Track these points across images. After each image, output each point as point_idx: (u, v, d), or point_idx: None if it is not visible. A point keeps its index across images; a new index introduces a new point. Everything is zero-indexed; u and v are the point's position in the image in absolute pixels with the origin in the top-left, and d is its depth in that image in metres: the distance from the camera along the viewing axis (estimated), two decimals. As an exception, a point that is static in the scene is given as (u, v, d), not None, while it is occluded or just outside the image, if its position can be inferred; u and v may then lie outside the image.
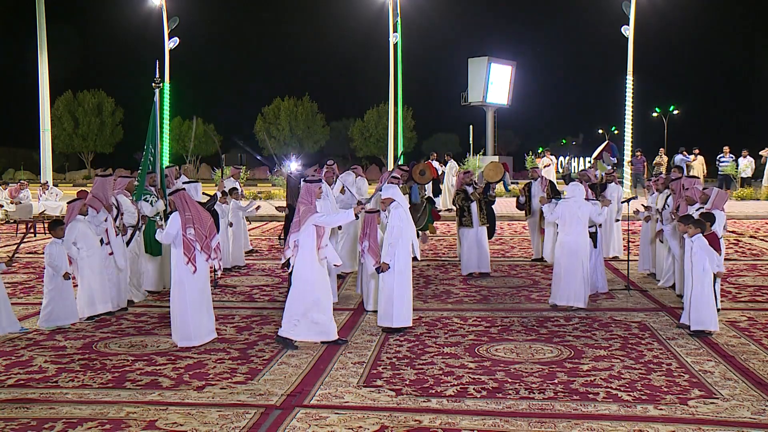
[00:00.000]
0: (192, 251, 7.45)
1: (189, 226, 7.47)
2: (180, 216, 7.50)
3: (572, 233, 9.00)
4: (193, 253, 7.45)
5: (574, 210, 9.04)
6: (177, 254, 7.50)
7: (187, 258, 7.43)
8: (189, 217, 7.50)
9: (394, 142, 33.79)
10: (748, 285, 10.55)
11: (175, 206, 7.60)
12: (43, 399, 5.88)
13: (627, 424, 5.23)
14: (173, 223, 7.51)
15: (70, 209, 8.68)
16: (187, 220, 7.49)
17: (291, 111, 59.88)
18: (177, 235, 7.46)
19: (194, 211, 7.61)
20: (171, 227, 7.52)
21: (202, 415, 5.49)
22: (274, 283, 11.12)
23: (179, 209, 7.55)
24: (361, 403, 5.74)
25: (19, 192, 20.08)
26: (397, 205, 7.99)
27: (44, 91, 25.48)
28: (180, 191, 7.74)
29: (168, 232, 7.52)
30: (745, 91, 71.56)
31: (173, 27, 29.76)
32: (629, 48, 27.19)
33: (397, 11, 32.04)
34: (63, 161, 58.89)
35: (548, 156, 28.23)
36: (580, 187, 9.33)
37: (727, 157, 25.90)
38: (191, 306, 7.44)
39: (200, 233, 7.51)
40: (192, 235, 7.45)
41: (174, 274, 7.55)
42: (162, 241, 7.88)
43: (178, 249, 7.48)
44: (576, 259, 8.96)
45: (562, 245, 9.08)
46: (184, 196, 7.63)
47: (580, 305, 8.91)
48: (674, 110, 60.83)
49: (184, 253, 7.44)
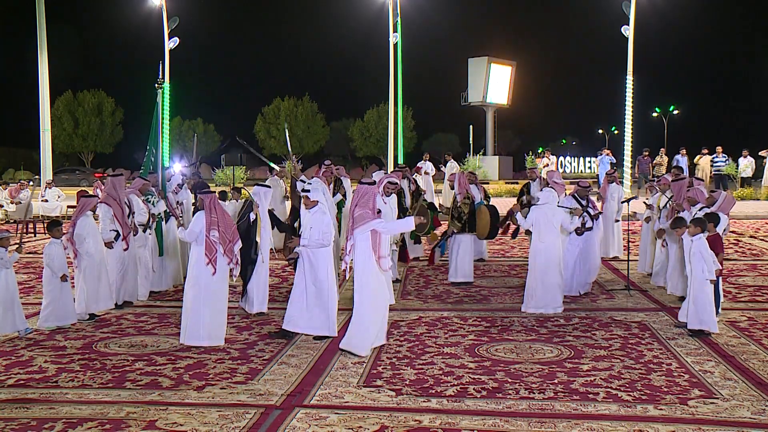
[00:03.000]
0: (214, 253, 7.46)
1: (213, 228, 7.46)
2: (206, 216, 7.51)
3: (546, 240, 8.89)
4: (215, 255, 7.46)
5: (548, 216, 8.94)
6: (197, 252, 7.50)
7: (208, 259, 7.44)
8: (215, 219, 7.49)
9: (394, 142, 33.78)
10: (748, 285, 10.55)
11: (203, 205, 7.60)
12: (43, 399, 5.88)
13: (627, 424, 5.23)
14: (198, 221, 7.54)
15: (81, 204, 8.75)
16: (213, 221, 7.48)
17: (291, 111, 59.81)
18: (200, 233, 7.47)
19: (220, 213, 7.60)
20: (195, 225, 7.54)
21: (202, 415, 5.50)
22: (274, 283, 11.12)
23: (206, 209, 7.54)
24: (361, 403, 5.75)
25: (19, 192, 20.06)
26: (323, 211, 7.52)
27: (44, 91, 25.48)
28: (212, 193, 7.76)
29: (192, 230, 7.55)
30: (745, 91, 71.61)
31: (173, 27, 29.74)
32: (629, 48, 27.17)
33: (397, 11, 32.03)
34: (63, 161, 58.80)
35: (548, 156, 28.23)
36: (553, 192, 9.25)
37: (721, 157, 25.89)
38: (204, 306, 7.44)
39: (224, 237, 7.50)
40: (216, 238, 7.44)
41: (192, 272, 7.55)
42: (184, 239, 7.85)
43: (199, 248, 7.49)
44: (552, 266, 8.88)
45: (537, 252, 8.95)
46: (213, 198, 7.63)
47: (559, 311, 8.84)
48: (674, 110, 60.86)
49: (206, 254, 7.45)
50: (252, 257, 8.52)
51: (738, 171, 26.48)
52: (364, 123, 62.92)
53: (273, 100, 61.30)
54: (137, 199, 9.74)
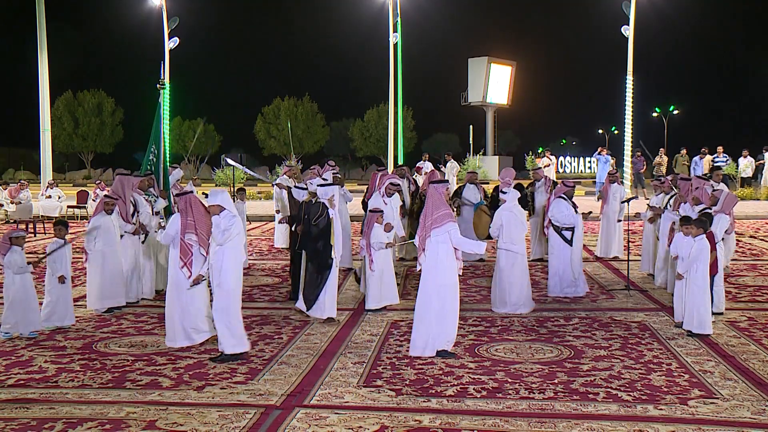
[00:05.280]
0: (189, 256, 7.38)
1: (190, 231, 7.33)
2: (181, 219, 7.42)
3: (518, 240, 8.87)
4: (190, 258, 7.38)
5: (518, 216, 8.94)
6: (174, 256, 7.50)
7: (182, 262, 7.40)
8: (191, 222, 7.35)
9: (394, 142, 33.79)
10: (748, 285, 10.54)
11: (178, 208, 7.56)
12: (43, 399, 5.88)
13: (627, 424, 5.23)
14: (173, 224, 7.48)
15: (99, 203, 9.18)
16: (188, 224, 7.35)
17: (291, 111, 59.79)
18: (176, 236, 7.43)
19: (198, 215, 7.41)
20: (170, 228, 7.49)
21: (202, 415, 5.49)
22: (274, 283, 11.12)
23: (181, 212, 7.46)
24: (361, 403, 5.74)
25: (19, 192, 20.05)
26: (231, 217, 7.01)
27: (44, 91, 25.47)
28: (188, 194, 7.70)
29: (167, 233, 7.50)
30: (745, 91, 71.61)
31: (173, 27, 29.74)
32: (629, 48, 27.18)
33: (397, 11, 32.03)
34: (63, 161, 58.81)
35: (548, 156, 28.23)
36: (516, 193, 9.27)
37: (721, 157, 25.89)
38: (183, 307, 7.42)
39: (203, 239, 7.37)
40: (192, 240, 7.34)
41: (170, 275, 7.56)
42: (161, 242, 7.84)
43: (175, 251, 7.47)
44: (521, 267, 8.91)
45: (507, 254, 8.89)
46: (189, 199, 7.51)
47: (525, 311, 8.84)
48: (674, 110, 60.88)
49: (180, 257, 7.41)
50: (328, 261, 8.31)
51: (738, 171, 26.48)
52: (364, 123, 62.92)
53: (273, 100, 61.30)
54: (142, 198, 9.81)
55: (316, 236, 8.32)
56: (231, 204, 7.08)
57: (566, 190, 10.09)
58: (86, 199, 21.36)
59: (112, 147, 59.98)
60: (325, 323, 8.32)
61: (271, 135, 59.56)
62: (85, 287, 10.54)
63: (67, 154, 59.75)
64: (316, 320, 8.41)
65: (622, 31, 27.25)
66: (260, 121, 60.90)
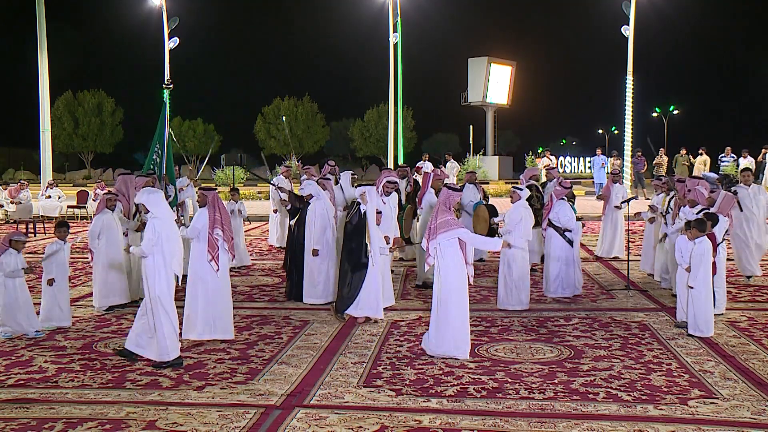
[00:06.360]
0: (216, 250, 7.46)
1: (217, 227, 7.46)
2: (209, 214, 7.49)
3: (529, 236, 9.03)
4: (217, 252, 7.46)
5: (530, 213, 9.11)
6: (199, 250, 7.49)
7: (211, 256, 7.44)
8: (218, 218, 7.49)
9: (394, 142, 33.81)
10: (748, 285, 10.54)
11: (206, 202, 7.57)
12: (43, 399, 5.88)
13: (627, 424, 5.23)
14: (200, 218, 7.52)
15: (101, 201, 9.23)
16: (216, 220, 7.47)
17: (291, 111, 59.77)
18: (203, 230, 7.46)
19: (223, 212, 7.60)
20: (198, 221, 7.52)
21: (202, 415, 5.49)
22: (274, 283, 11.13)
23: (210, 207, 7.52)
24: (361, 403, 5.74)
25: (19, 192, 20.05)
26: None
27: (44, 91, 25.48)
28: (214, 190, 7.74)
29: (194, 226, 7.53)
30: (745, 91, 71.62)
31: (173, 27, 29.76)
32: (629, 48, 27.19)
33: (397, 11, 32.06)
34: (63, 161, 58.78)
35: (548, 156, 28.23)
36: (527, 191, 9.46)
37: (728, 157, 25.90)
38: (211, 302, 7.45)
39: (227, 234, 7.54)
40: (219, 235, 7.45)
41: (192, 270, 7.54)
42: (186, 236, 7.58)
43: (201, 244, 7.48)
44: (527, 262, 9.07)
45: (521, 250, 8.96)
46: (216, 196, 7.62)
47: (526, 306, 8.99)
48: (674, 110, 60.88)
49: (209, 251, 7.44)
50: (362, 260, 8.22)
51: (738, 171, 26.43)
52: (364, 123, 62.90)
53: (273, 100, 61.31)
54: None
55: (350, 234, 8.34)
56: (159, 206, 6.79)
57: (567, 191, 10.08)
58: (86, 199, 21.36)
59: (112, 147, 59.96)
60: (326, 323, 8.33)
61: (271, 135, 59.55)
62: (85, 287, 10.59)
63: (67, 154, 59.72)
64: (316, 320, 8.42)
65: (622, 31, 27.28)
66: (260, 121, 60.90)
